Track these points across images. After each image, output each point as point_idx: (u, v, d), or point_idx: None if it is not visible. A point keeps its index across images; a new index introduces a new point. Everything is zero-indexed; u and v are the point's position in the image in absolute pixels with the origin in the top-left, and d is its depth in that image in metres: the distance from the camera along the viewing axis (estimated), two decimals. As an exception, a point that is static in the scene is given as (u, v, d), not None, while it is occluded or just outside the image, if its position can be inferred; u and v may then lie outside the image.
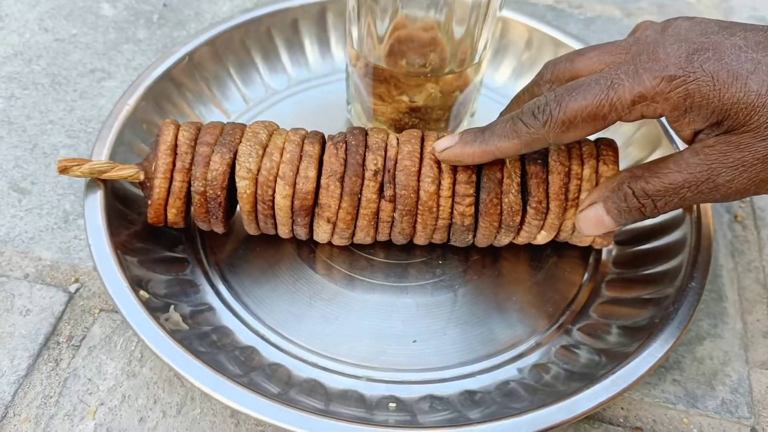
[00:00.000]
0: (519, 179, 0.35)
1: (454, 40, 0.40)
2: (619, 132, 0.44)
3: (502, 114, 0.38)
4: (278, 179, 0.34)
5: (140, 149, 0.41)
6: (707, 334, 0.39)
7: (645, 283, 0.38)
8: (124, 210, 0.38)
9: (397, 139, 0.36)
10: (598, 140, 0.37)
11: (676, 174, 0.31)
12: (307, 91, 0.48)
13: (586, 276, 0.40)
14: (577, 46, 0.47)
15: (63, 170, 0.36)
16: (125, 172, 0.36)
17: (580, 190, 0.35)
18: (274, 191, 0.35)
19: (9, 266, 0.39)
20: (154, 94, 0.43)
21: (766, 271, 0.42)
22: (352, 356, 0.36)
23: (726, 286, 0.41)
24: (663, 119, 0.38)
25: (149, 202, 0.36)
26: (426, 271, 0.40)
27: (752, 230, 0.44)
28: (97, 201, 0.37)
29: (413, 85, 0.41)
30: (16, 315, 0.37)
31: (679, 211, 0.39)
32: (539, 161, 0.35)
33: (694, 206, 0.39)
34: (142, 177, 0.36)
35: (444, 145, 0.34)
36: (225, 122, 0.37)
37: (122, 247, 0.36)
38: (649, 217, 0.33)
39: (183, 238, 0.40)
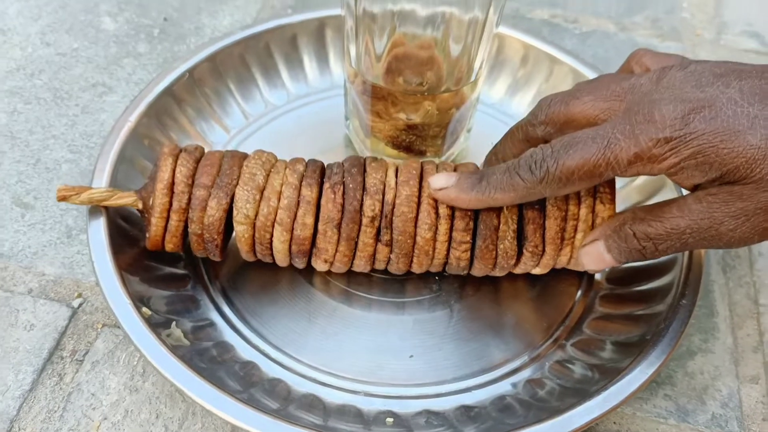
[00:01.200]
0: (515, 226, 0.35)
1: (451, 58, 0.41)
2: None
3: (495, 147, 0.39)
4: (276, 225, 0.35)
5: (142, 165, 0.42)
6: (698, 349, 0.40)
7: (638, 300, 0.39)
8: (126, 227, 0.39)
9: (396, 178, 0.36)
10: None
11: (679, 219, 0.31)
12: (307, 107, 0.49)
13: (580, 292, 0.41)
14: (571, 62, 0.48)
15: (62, 199, 0.36)
16: (124, 200, 0.37)
17: (576, 230, 0.36)
18: (271, 236, 0.35)
19: (13, 281, 0.40)
20: (155, 110, 0.43)
21: (757, 287, 0.42)
22: (350, 371, 0.37)
23: (717, 301, 0.42)
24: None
25: (147, 234, 0.37)
26: (423, 287, 0.40)
27: (743, 245, 0.44)
28: (100, 219, 0.37)
29: (410, 102, 0.42)
30: (20, 330, 0.38)
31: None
32: (536, 206, 0.35)
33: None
34: (140, 205, 0.37)
35: (440, 183, 0.35)
36: (223, 152, 0.37)
37: (124, 264, 0.37)
38: (649, 259, 0.33)
39: (184, 254, 0.40)
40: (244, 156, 0.37)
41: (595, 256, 0.35)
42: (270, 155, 0.37)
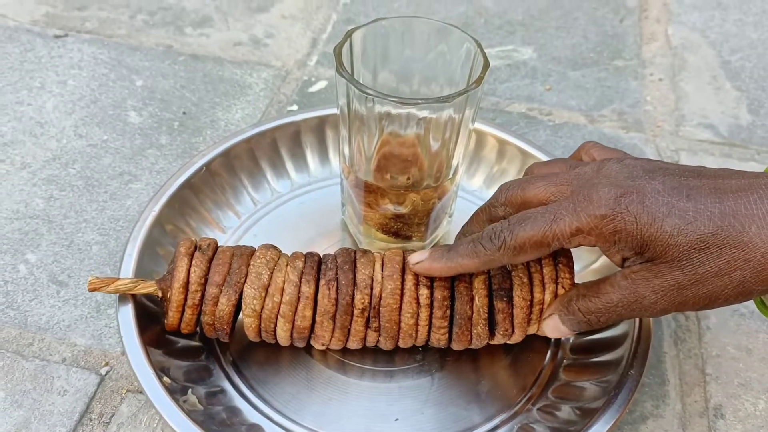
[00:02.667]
0: (486, 315, 0.41)
1: (431, 154, 0.47)
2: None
3: (463, 227, 0.45)
4: (279, 317, 0.41)
5: (165, 249, 0.48)
6: (650, 415, 0.45)
7: (595, 369, 0.45)
8: (150, 306, 0.45)
9: (382, 272, 0.41)
10: (557, 259, 0.42)
11: (612, 294, 0.37)
12: (308, 194, 0.56)
13: (547, 360, 0.46)
14: (542, 156, 0.54)
15: (93, 290, 0.42)
16: (146, 290, 0.42)
17: (541, 312, 0.42)
18: (275, 325, 0.41)
19: (49, 351, 0.46)
20: (177, 201, 0.50)
21: (704, 358, 0.48)
22: (343, 433, 0.42)
23: (668, 371, 0.47)
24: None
25: (165, 320, 0.42)
26: (408, 358, 0.46)
27: (694, 320, 0.50)
28: (127, 300, 0.43)
29: (397, 195, 0.48)
30: (55, 395, 0.44)
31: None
32: (505, 298, 0.41)
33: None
34: (160, 294, 0.43)
35: (416, 259, 0.41)
36: (233, 249, 0.42)
37: (148, 338, 0.42)
38: (596, 328, 0.39)
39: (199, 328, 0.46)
40: (252, 253, 0.43)
41: (553, 327, 0.41)
42: (273, 253, 0.43)
